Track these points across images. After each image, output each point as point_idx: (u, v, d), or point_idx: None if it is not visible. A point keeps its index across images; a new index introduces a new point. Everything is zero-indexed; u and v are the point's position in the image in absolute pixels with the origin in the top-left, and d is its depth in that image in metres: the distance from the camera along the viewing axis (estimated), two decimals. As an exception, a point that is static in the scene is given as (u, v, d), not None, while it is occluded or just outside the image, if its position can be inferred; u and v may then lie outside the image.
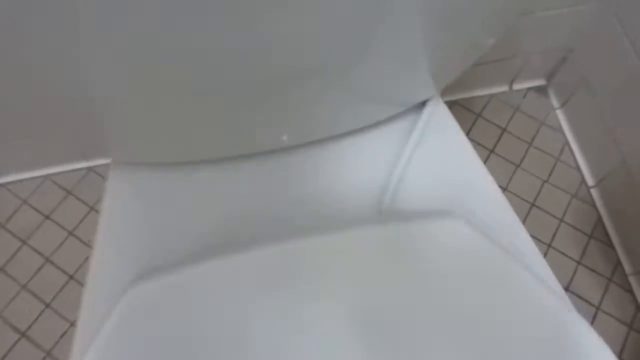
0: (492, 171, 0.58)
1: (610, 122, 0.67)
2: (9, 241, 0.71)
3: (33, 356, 0.65)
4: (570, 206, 0.73)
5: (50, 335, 0.66)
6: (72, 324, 0.66)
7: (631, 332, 0.66)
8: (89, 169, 0.75)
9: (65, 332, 0.66)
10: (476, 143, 0.77)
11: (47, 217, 0.73)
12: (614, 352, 0.64)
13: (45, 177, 0.75)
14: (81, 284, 0.68)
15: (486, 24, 0.32)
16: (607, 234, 0.71)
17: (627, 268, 0.69)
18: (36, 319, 0.67)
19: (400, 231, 0.36)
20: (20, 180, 0.75)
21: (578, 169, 0.75)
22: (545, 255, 0.71)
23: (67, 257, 0.70)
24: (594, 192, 0.73)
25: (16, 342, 0.66)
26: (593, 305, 0.68)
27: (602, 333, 0.64)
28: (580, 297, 0.68)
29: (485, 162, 0.76)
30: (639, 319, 0.67)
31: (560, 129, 0.78)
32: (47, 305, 0.68)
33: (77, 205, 0.73)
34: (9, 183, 0.75)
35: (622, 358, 0.65)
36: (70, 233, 0.72)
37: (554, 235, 0.72)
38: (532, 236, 0.64)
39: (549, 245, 0.71)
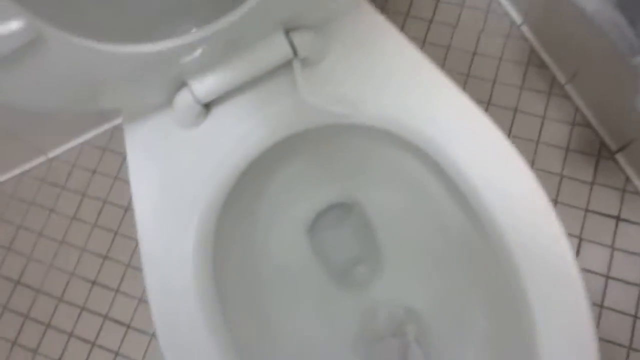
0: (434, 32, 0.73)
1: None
2: (72, 197, 0.90)
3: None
4: (506, 46, 0.86)
5: (126, 250, 0.85)
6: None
7: (574, 127, 0.80)
8: (114, 127, 0.93)
9: (134, 248, 0.85)
10: (412, 17, 0.90)
11: (95, 172, 0.91)
12: (562, 146, 0.78)
13: (83, 143, 0.93)
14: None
15: None
16: (540, 58, 0.84)
17: (561, 79, 0.82)
18: (111, 246, 0.86)
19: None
20: (65, 151, 0.93)
21: (507, 14, 0.88)
22: (492, 89, 0.84)
23: (119, 195, 0.88)
24: (524, 28, 0.86)
25: (101, 265, 0.85)
26: (539, 116, 0.82)
27: (550, 136, 0.79)
28: (527, 113, 0.82)
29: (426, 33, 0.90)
30: (579, 116, 0.80)
31: (486, -15, 0.90)
32: (116, 233, 0.87)
33: (114, 157, 0.91)
34: (57, 155, 0.93)
35: (570, 148, 0.79)
36: (116, 178, 0.90)
37: (497, 72, 0.85)
38: (478, 78, 0.80)
39: (494, 82, 0.85)
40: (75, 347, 0.82)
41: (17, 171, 0.93)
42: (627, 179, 0.76)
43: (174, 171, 0.48)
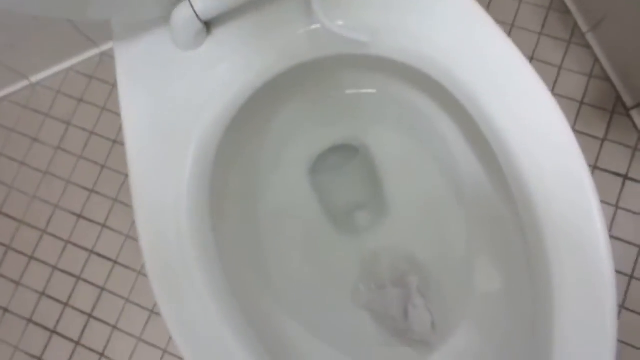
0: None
1: None
2: (56, 126, 0.85)
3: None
4: (529, -14, 0.80)
5: (113, 184, 0.82)
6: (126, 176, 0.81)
7: (591, 79, 0.76)
8: (102, 54, 0.86)
9: (123, 182, 0.82)
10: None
11: (81, 100, 0.85)
12: (577, 99, 0.75)
13: (68, 69, 0.86)
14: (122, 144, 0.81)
15: None
16: (563, 2, 0.79)
17: (584, 27, 0.77)
18: (97, 179, 0.82)
19: None
20: (49, 76, 0.86)
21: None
22: (509, 33, 0.79)
23: (106, 127, 0.84)
24: (549, -31, 0.80)
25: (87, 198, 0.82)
26: (555, 66, 0.77)
27: (565, 88, 0.74)
28: (543, 62, 0.77)
29: None
30: (597, 68, 0.76)
31: None
32: (103, 167, 0.82)
33: (102, 86, 0.85)
34: (40, 80, 0.87)
35: (585, 102, 0.75)
36: (103, 109, 0.84)
37: (516, 15, 0.80)
38: (495, 20, 0.75)
39: (512, 25, 0.79)
40: (59, 279, 0.80)
41: (-4, 95, 0.87)
42: (640, 138, 0.73)
43: (169, 100, 0.43)
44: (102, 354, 0.77)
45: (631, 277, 0.71)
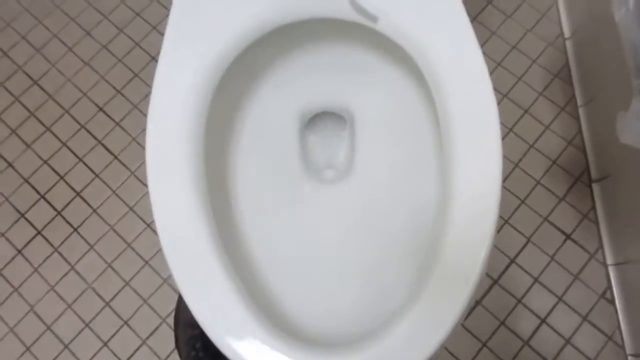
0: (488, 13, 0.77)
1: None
2: (110, 29, 0.96)
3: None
4: (545, 52, 0.90)
5: (139, 92, 0.92)
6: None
7: (569, 146, 0.85)
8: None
9: (147, 94, 0.92)
10: None
11: (138, 15, 0.97)
12: (551, 157, 0.83)
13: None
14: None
15: None
16: (569, 75, 0.88)
17: (579, 101, 0.86)
18: (126, 84, 0.93)
19: None
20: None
21: (559, 24, 0.91)
22: (515, 84, 0.89)
23: (151, 44, 0.95)
24: (568, 43, 0.89)
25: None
26: (543, 125, 0.86)
27: (545, 145, 0.83)
28: (534, 118, 0.87)
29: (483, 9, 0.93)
30: (578, 138, 0.85)
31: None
32: (136, 75, 0.93)
33: (161, 10, 0.97)
34: None
35: (557, 162, 0.84)
36: (154, 28, 0.96)
37: (526, 71, 0.89)
38: (507, 70, 0.86)
39: (520, 78, 0.89)
40: (63, 155, 0.90)
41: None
42: (592, 208, 0.82)
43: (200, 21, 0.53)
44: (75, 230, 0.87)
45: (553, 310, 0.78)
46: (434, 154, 0.56)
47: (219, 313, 0.44)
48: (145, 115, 0.91)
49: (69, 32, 0.97)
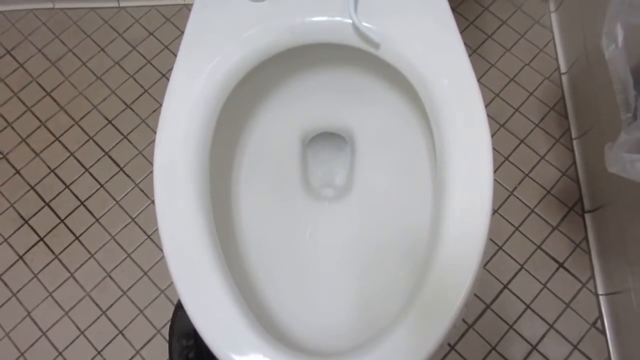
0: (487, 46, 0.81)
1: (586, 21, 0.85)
2: (123, 45, 1.00)
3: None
4: (542, 85, 0.93)
5: (146, 109, 0.95)
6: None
7: (563, 176, 0.87)
8: (185, 5, 1.02)
9: (155, 109, 0.95)
10: (475, 27, 0.98)
11: (151, 34, 1.00)
12: (546, 187, 0.85)
13: (152, 6, 1.02)
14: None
15: None
16: (565, 109, 0.91)
17: (574, 133, 0.89)
18: (136, 99, 0.96)
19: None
20: (135, 7, 1.02)
21: (556, 59, 0.94)
22: (512, 115, 0.92)
23: (161, 62, 0.98)
24: (564, 77, 0.93)
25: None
26: (538, 155, 0.89)
27: (540, 175, 0.85)
28: (530, 148, 0.89)
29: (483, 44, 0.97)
30: (572, 170, 0.87)
31: (550, 28, 0.97)
32: (146, 91, 0.97)
33: (172, 29, 1.00)
34: (127, 7, 1.03)
35: (551, 192, 0.86)
36: (166, 47, 0.99)
37: (523, 103, 0.92)
38: (505, 101, 0.89)
39: (517, 110, 0.92)
40: (70, 165, 0.93)
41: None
42: (585, 238, 0.83)
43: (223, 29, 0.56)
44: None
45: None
46: (429, 175, 0.58)
47: (221, 327, 0.45)
48: (152, 130, 0.94)
49: (83, 48, 1.01)
